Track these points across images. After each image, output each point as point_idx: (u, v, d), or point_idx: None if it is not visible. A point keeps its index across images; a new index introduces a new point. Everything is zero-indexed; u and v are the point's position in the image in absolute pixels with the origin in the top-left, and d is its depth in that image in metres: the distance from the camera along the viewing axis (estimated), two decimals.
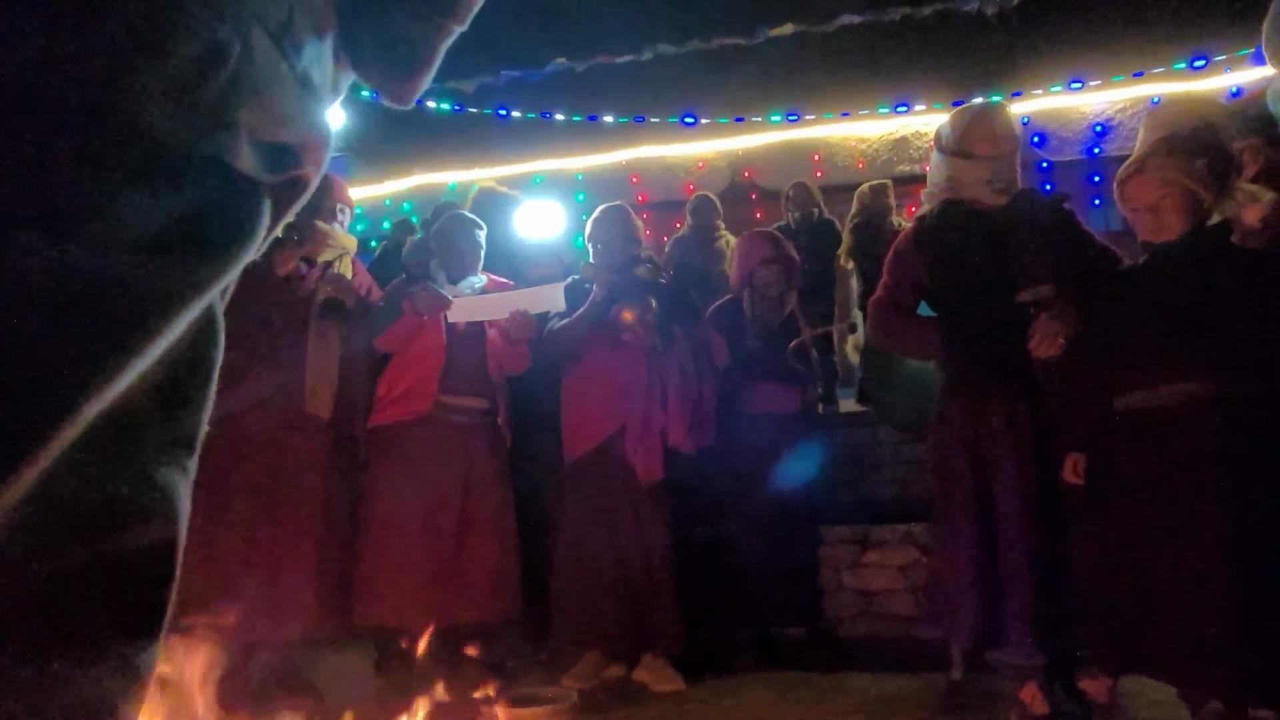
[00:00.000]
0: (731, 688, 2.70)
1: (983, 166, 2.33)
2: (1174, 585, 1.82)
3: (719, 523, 3.23)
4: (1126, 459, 1.98)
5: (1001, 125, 2.38)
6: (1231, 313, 1.89)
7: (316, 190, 2.40)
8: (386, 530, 2.66)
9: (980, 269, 2.28)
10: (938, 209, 2.40)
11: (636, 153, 7.12)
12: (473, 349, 2.83)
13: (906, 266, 2.42)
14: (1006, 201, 2.33)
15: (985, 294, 2.27)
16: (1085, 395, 2.08)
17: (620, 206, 3.14)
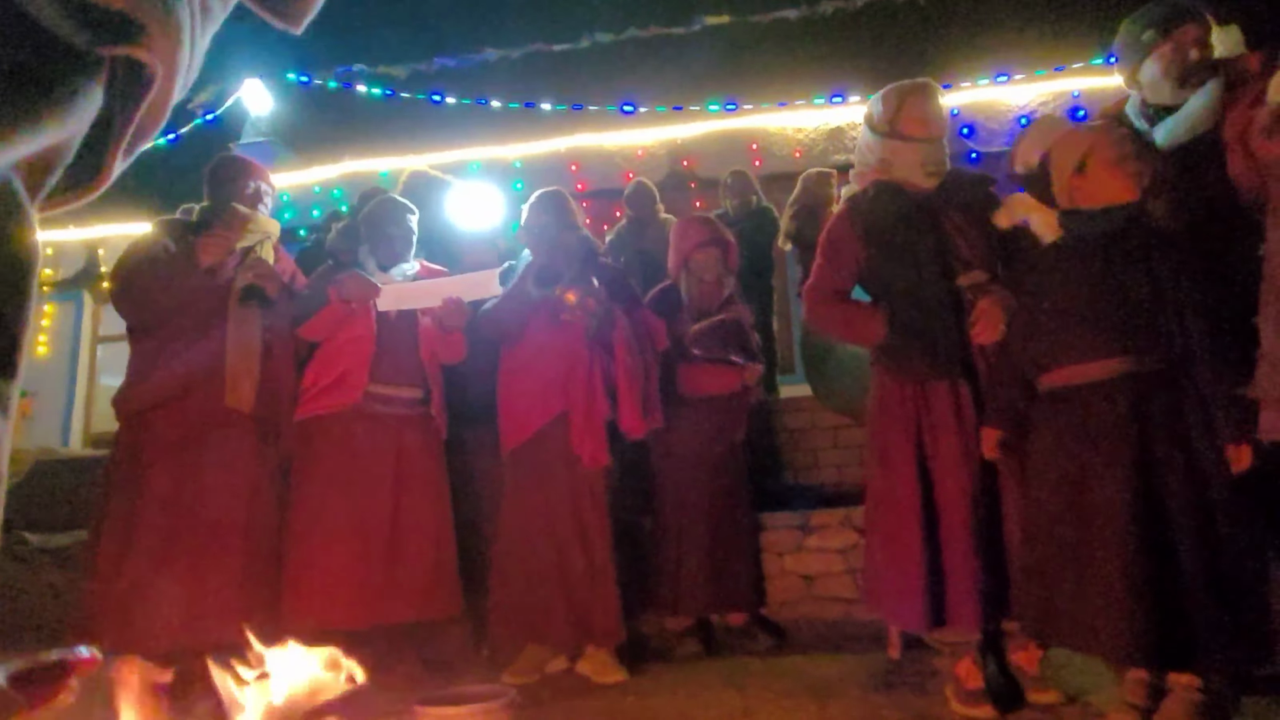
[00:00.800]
0: (674, 677, 2.69)
1: (915, 149, 2.31)
2: (1091, 556, 1.86)
3: (659, 510, 3.22)
4: (1046, 435, 2.02)
5: (934, 107, 2.36)
6: (1135, 293, 1.96)
7: (232, 170, 2.28)
8: (316, 527, 2.55)
9: (915, 252, 2.26)
10: (872, 191, 2.36)
11: (575, 140, 7.02)
12: (404, 337, 2.73)
13: (842, 249, 2.38)
14: (938, 182, 2.33)
15: (920, 277, 2.25)
16: (1006, 375, 2.12)
17: (557, 191, 3.08)
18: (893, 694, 2.30)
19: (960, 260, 2.26)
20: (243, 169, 2.73)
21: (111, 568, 2.41)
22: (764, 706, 2.24)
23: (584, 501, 2.76)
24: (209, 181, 2.71)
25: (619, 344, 2.84)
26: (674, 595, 3.12)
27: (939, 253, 2.26)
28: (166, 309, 2.51)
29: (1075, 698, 2.13)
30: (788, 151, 6.75)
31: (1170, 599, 1.76)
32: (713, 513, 3.15)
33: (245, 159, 2.85)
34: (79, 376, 8.42)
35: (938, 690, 2.21)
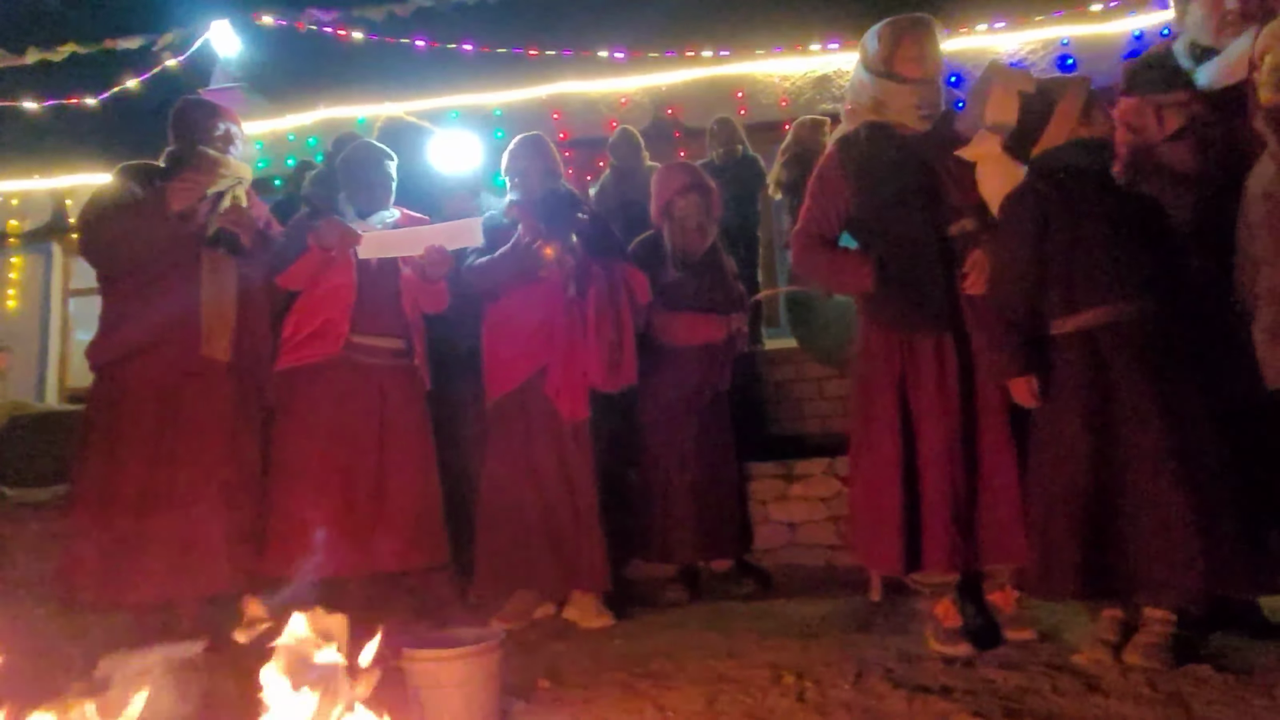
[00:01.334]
0: (660, 621, 2.73)
1: (910, 90, 2.24)
2: (1107, 498, 1.92)
3: (645, 459, 3.23)
4: (1061, 381, 2.03)
5: (931, 47, 2.28)
6: (1141, 237, 1.99)
7: (199, 113, 2.21)
8: (300, 477, 2.54)
9: (905, 198, 2.22)
10: (864, 132, 2.29)
11: (557, 88, 6.85)
12: (386, 286, 2.68)
13: (830, 190, 2.31)
14: (932, 126, 2.28)
15: (909, 224, 2.21)
16: (1021, 322, 2.08)
17: (538, 136, 3.00)
18: (873, 635, 2.35)
19: (952, 207, 2.23)
20: (210, 110, 2.64)
21: (94, 520, 2.39)
22: (748, 648, 2.28)
23: (569, 449, 2.76)
24: (175, 125, 2.62)
25: (591, 302, 2.79)
26: (660, 542, 3.16)
27: (930, 199, 2.22)
28: (137, 257, 2.45)
29: (1049, 635, 2.20)
30: (773, 100, 6.64)
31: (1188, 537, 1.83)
32: (698, 461, 3.17)
33: (212, 101, 2.76)
34: (51, 330, 8.26)
35: (918, 631, 2.26)
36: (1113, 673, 1.85)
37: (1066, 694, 1.74)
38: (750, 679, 1.98)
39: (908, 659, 2.08)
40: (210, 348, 2.44)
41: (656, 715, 1.78)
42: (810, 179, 2.41)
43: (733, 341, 3.29)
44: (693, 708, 1.81)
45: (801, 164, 4.82)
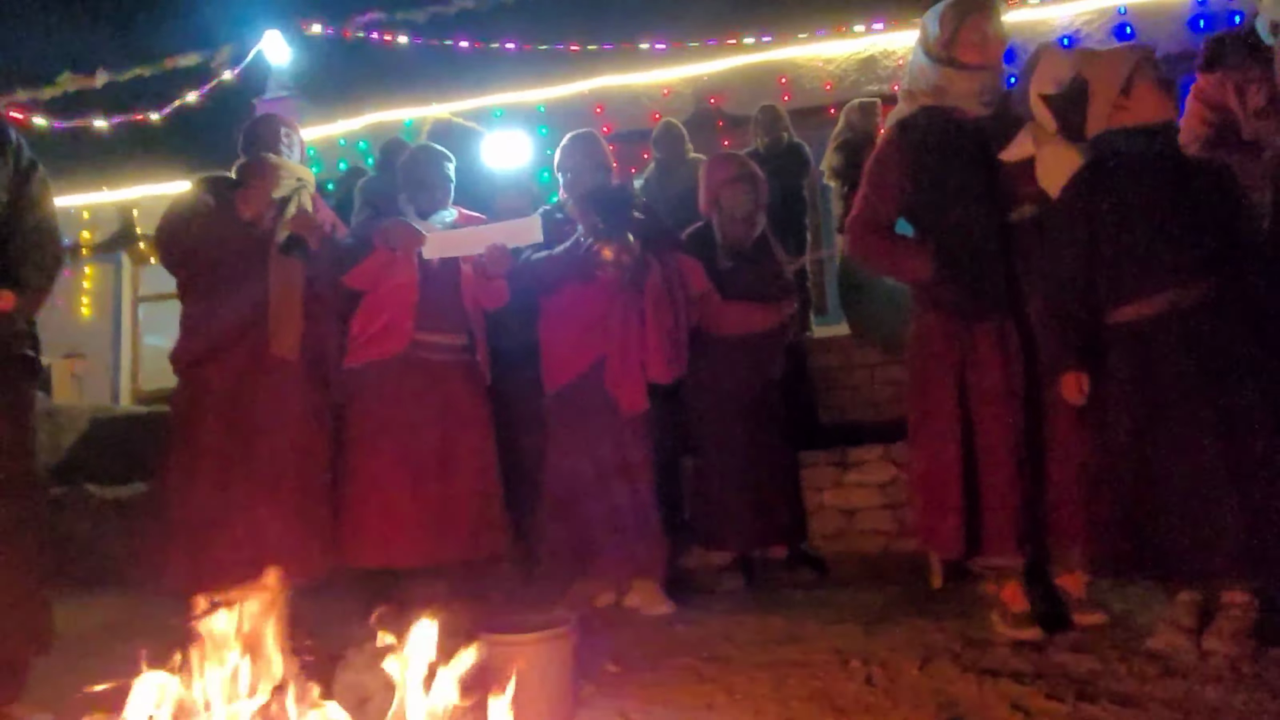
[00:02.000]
0: (719, 607, 2.76)
1: (971, 77, 2.19)
2: (1168, 483, 1.88)
3: (699, 448, 3.26)
4: (1116, 371, 2.00)
5: (994, 31, 2.22)
6: (1200, 220, 1.94)
7: (263, 127, 2.30)
8: (369, 472, 2.62)
9: (965, 185, 2.17)
10: (922, 118, 2.25)
11: (599, 82, 6.88)
12: (447, 284, 2.75)
13: (889, 176, 2.27)
14: (991, 111, 2.23)
15: (969, 212, 2.17)
16: (1069, 312, 2.05)
17: (589, 133, 3.04)
18: (937, 620, 2.34)
19: (1012, 194, 2.18)
20: (273, 122, 2.75)
21: (175, 514, 2.51)
22: (810, 633, 2.30)
23: (626, 439, 2.81)
24: (244, 139, 2.73)
25: (649, 295, 2.83)
26: (717, 531, 3.19)
27: (989, 186, 2.18)
28: (211, 262, 2.56)
29: (1120, 620, 2.16)
30: (817, 84, 6.56)
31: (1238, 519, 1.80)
32: (752, 449, 3.18)
33: (275, 114, 2.88)
34: (123, 336, 8.64)
35: (982, 616, 2.25)
36: (1190, 656, 1.82)
37: (1143, 677, 1.72)
38: (815, 662, 2.00)
39: (974, 644, 2.07)
40: (279, 346, 2.53)
41: (725, 698, 1.81)
42: (867, 164, 2.38)
43: (784, 329, 3.30)
44: (760, 691, 1.84)
45: (853, 149, 4.77)
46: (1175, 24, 5.86)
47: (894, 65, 6.44)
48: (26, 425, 2.08)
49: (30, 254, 2.05)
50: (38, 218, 2.09)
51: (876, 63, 6.51)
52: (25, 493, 2.01)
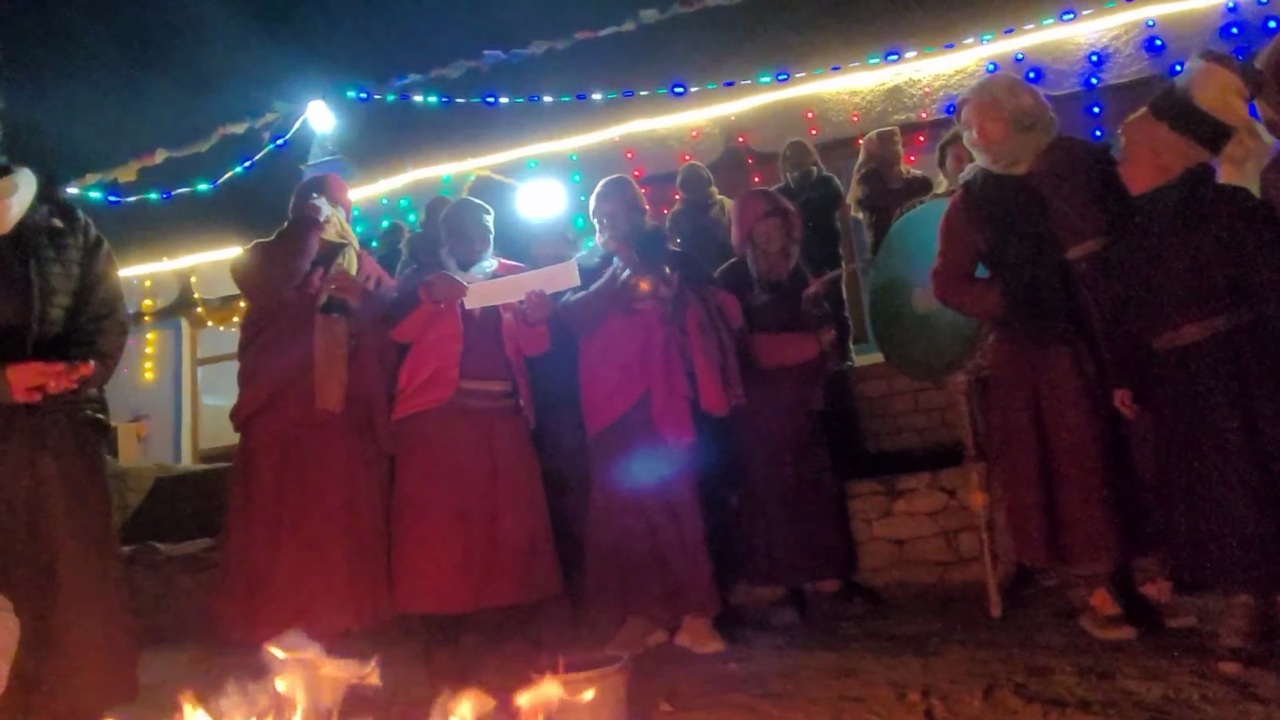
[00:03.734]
0: (772, 643, 2.73)
1: (983, 154, 2.52)
2: (1213, 496, 1.98)
3: (745, 483, 3.25)
4: (1161, 394, 2.17)
5: (987, 115, 2.48)
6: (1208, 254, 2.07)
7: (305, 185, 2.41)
8: (420, 518, 2.68)
9: (1024, 232, 2.43)
10: (979, 179, 2.55)
11: (628, 128, 7.06)
12: (489, 333, 2.84)
13: (959, 237, 2.57)
14: (1026, 168, 2.47)
15: (1030, 254, 2.42)
16: (1125, 338, 2.26)
17: (622, 178, 3.13)
18: (998, 649, 2.29)
19: (1072, 231, 2.39)
20: (313, 187, 2.88)
21: (235, 567, 2.60)
22: (866, 666, 2.26)
23: (671, 477, 2.82)
24: (294, 203, 2.86)
25: (692, 324, 2.88)
26: (766, 566, 3.16)
27: (1045, 229, 2.42)
28: (267, 320, 2.71)
29: (1206, 624, 2.17)
30: (844, 116, 6.62)
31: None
32: (798, 482, 3.17)
33: (328, 175, 3.01)
34: (184, 397, 8.98)
35: (1043, 645, 2.20)
36: (1268, 679, 1.74)
37: (1219, 702, 1.65)
38: (874, 697, 1.97)
39: (1038, 672, 2.02)
40: (324, 400, 2.62)
41: None
42: (940, 224, 2.65)
43: (824, 359, 3.30)
44: None
45: (877, 177, 4.80)
46: (1206, 33, 5.79)
47: (920, 93, 6.49)
48: (102, 486, 2.20)
49: (101, 325, 2.19)
50: (105, 291, 2.22)
51: (902, 91, 6.55)
52: (106, 550, 2.11)
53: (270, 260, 2.66)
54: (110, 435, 2.60)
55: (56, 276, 2.09)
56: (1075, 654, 2.14)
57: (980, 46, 6.35)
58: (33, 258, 2.05)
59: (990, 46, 6.33)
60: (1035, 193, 2.45)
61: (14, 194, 2.02)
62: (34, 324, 2.03)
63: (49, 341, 2.05)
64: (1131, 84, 5.94)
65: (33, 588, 1.94)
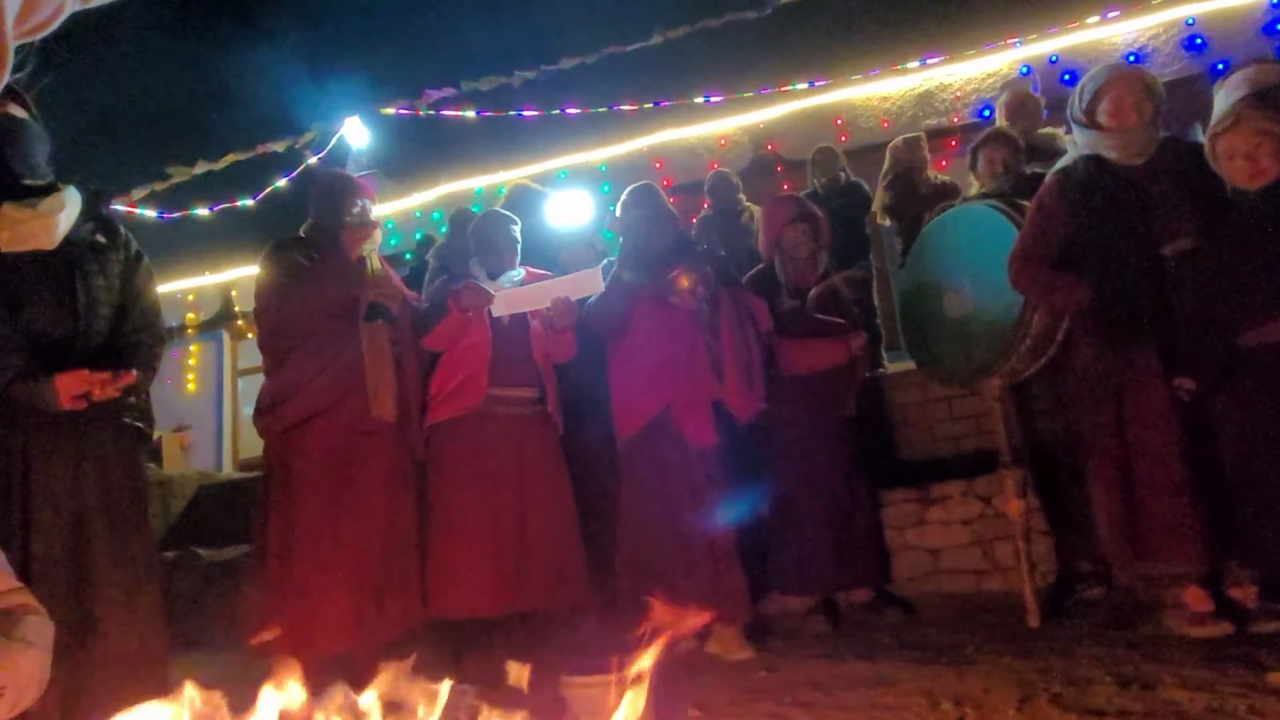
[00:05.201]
0: (803, 652, 2.70)
1: (1113, 137, 2.44)
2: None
3: (775, 492, 3.23)
4: (1250, 390, 2.18)
5: (1130, 96, 2.44)
6: None
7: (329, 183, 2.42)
8: (450, 524, 2.71)
9: (1119, 226, 2.40)
10: (1081, 163, 2.50)
11: (657, 138, 7.11)
12: (518, 340, 2.87)
13: (1050, 219, 2.52)
14: (1144, 160, 2.44)
15: (1128, 248, 2.39)
16: (1210, 333, 2.25)
17: (649, 186, 3.15)
18: (1034, 659, 2.24)
19: (1168, 229, 2.36)
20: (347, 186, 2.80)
21: (276, 575, 2.56)
22: (898, 673, 2.23)
23: (701, 482, 2.82)
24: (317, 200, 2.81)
25: (724, 324, 2.88)
26: (798, 575, 3.13)
27: (1144, 225, 2.39)
28: (307, 330, 2.63)
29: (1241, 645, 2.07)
30: (874, 123, 6.58)
31: None
32: (829, 490, 3.14)
33: (352, 178, 2.92)
34: (225, 407, 9.21)
35: (1083, 655, 2.14)
36: None
37: (1266, 714, 1.59)
38: (906, 706, 1.94)
39: (1076, 682, 1.97)
40: (380, 409, 2.61)
41: None
42: (1031, 204, 2.61)
43: (855, 365, 3.27)
44: None
45: (904, 182, 4.75)
46: (1248, 31, 5.65)
47: (951, 98, 6.42)
48: (142, 492, 2.26)
49: (141, 336, 2.26)
50: (145, 304, 2.30)
51: (933, 96, 6.49)
52: (144, 556, 2.18)
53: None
54: (152, 444, 2.63)
55: (100, 290, 2.17)
56: (1116, 664, 2.08)
57: (1013, 49, 6.27)
58: (78, 272, 2.13)
59: (1024, 49, 6.25)
60: (1140, 187, 2.41)
61: (62, 210, 2.10)
62: (79, 336, 2.11)
63: (92, 352, 2.12)
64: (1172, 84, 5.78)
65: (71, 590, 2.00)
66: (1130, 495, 2.36)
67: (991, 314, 2.77)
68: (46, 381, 1.99)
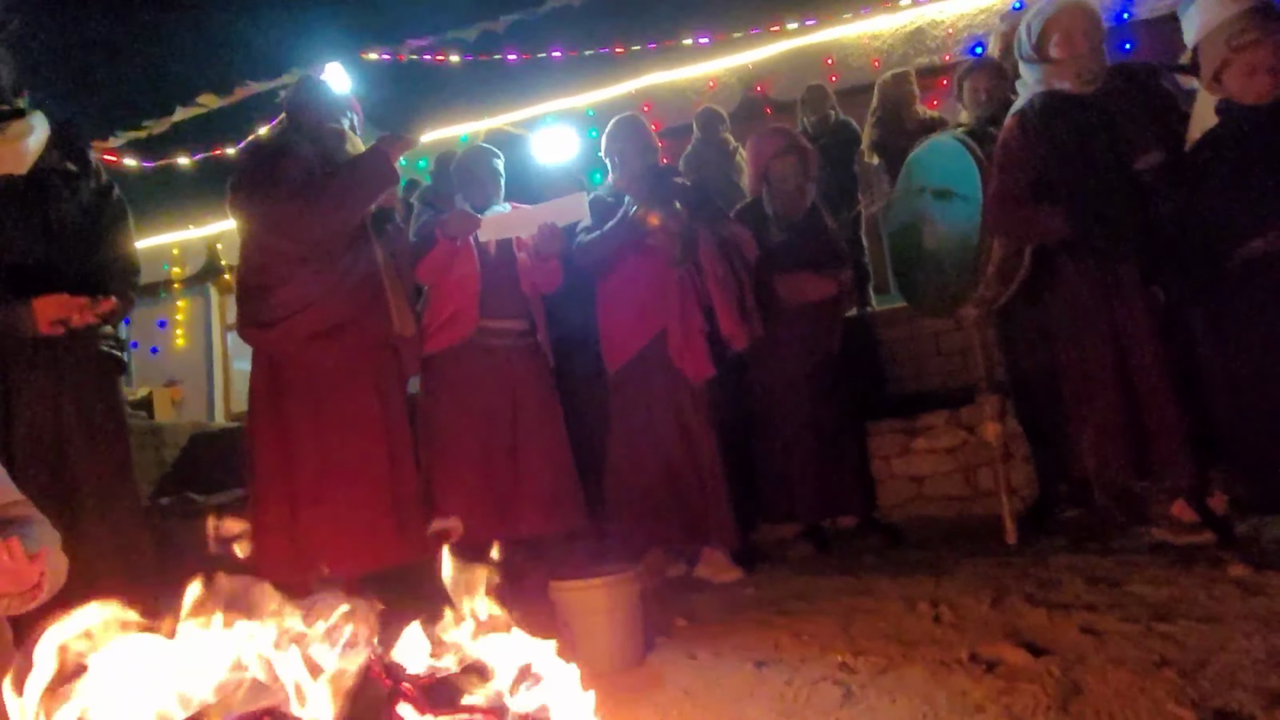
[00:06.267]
0: (790, 572, 2.78)
1: (1066, 67, 2.48)
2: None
3: (763, 424, 3.28)
4: (1241, 304, 2.20)
5: (1078, 25, 2.49)
6: None
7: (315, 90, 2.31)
8: (444, 453, 2.76)
9: (1087, 151, 2.44)
10: (1038, 101, 2.53)
11: (645, 80, 6.99)
12: (506, 273, 2.87)
13: (1017, 159, 2.55)
14: (1098, 87, 2.48)
15: (1099, 170, 2.42)
16: (1197, 249, 2.27)
17: (634, 116, 3.13)
18: (1010, 568, 2.32)
19: (1136, 145, 2.40)
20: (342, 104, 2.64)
21: (274, 500, 2.44)
22: (881, 584, 2.30)
23: (688, 412, 2.86)
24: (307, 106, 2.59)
25: (705, 257, 2.89)
26: (785, 503, 3.20)
27: (1112, 144, 2.43)
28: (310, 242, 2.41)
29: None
30: (865, 62, 6.49)
31: None
32: (815, 421, 3.19)
33: (338, 95, 2.72)
34: (215, 363, 9.19)
35: (1057, 564, 2.22)
36: (1276, 579, 1.75)
37: (1225, 599, 1.67)
38: (885, 609, 2.01)
39: (1047, 584, 2.05)
40: (401, 325, 2.52)
41: (793, 640, 1.84)
42: (996, 151, 2.64)
43: (841, 299, 3.29)
44: (828, 632, 1.86)
45: (892, 117, 4.71)
46: None
47: (943, 35, 6.34)
48: (120, 420, 2.29)
49: (116, 264, 2.25)
50: (119, 232, 2.28)
51: (925, 34, 6.40)
52: (124, 479, 2.25)
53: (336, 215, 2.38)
54: (127, 370, 2.53)
55: (73, 217, 2.17)
56: (1088, 569, 2.16)
57: None
58: (49, 198, 2.12)
59: None
60: (1100, 110, 2.46)
61: (31, 135, 2.08)
62: (53, 263, 2.10)
63: (68, 280, 2.10)
64: (1166, 19, 5.73)
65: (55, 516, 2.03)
66: (1125, 413, 2.41)
67: (957, 242, 2.81)
68: (24, 305, 1.99)
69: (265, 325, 2.41)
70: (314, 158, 2.45)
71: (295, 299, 2.39)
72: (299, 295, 2.39)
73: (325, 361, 2.41)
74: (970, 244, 2.71)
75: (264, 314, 2.42)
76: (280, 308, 2.40)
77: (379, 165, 2.43)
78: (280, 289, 2.40)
